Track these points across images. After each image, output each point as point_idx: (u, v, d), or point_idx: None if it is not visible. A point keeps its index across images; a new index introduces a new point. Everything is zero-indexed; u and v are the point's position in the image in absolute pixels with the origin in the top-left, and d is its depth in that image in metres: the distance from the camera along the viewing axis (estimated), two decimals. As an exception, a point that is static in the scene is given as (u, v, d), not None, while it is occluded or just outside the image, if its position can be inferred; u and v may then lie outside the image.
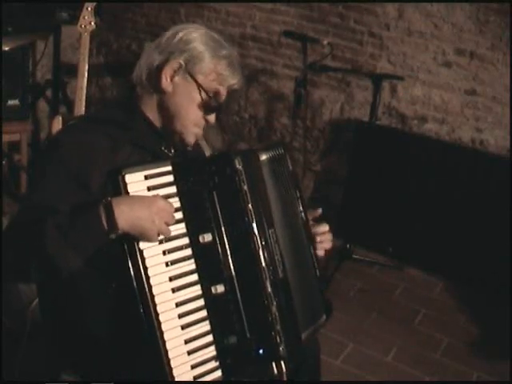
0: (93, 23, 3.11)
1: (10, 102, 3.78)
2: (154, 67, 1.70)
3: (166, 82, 1.68)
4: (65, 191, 1.53)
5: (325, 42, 3.60)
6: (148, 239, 1.49)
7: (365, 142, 3.71)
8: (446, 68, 3.63)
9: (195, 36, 1.70)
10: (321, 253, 1.83)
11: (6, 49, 3.60)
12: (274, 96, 4.14)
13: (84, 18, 3.11)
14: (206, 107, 1.71)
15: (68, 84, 4.10)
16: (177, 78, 1.68)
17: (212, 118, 1.74)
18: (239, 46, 4.16)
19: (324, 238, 1.83)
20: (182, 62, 1.67)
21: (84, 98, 3.03)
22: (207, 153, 2.00)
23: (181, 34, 1.69)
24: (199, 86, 1.68)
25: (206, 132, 1.80)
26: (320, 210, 1.86)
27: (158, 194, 1.52)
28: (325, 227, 1.84)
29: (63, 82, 4.09)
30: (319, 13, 3.87)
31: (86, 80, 3.07)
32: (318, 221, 1.87)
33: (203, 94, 1.69)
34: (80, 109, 3.02)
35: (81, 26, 3.11)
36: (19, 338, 2.24)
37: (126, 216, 1.45)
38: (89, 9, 3.12)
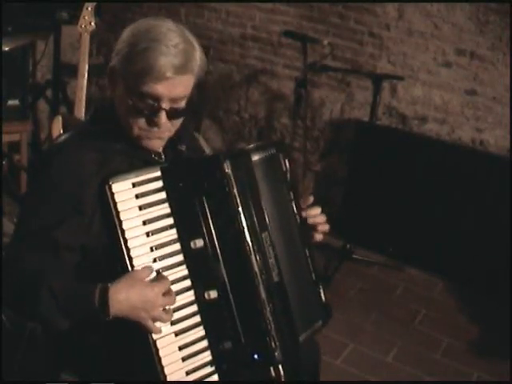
0: (93, 23, 3.11)
1: (10, 102, 3.78)
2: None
3: (108, 89, 1.61)
4: (60, 215, 1.51)
5: (325, 42, 3.60)
6: (142, 325, 1.48)
7: (365, 142, 3.71)
8: (446, 68, 3.63)
9: (124, 34, 1.56)
10: (319, 237, 1.79)
11: (6, 49, 3.59)
12: (274, 96, 4.14)
13: (84, 17, 3.11)
14: (136, 110, 1.55)
15: (68, 84, 4.09)
16: (115, 83, 1.59)
17: (158, 120, 1.55)
18: (239, 46, 4.16)
19: (318, 221, 1.78)
20: (111, 66, 1.58)
21: (84, 98, 3.03)
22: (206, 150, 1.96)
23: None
24: (124, 89, 1.55)
25: (205, 132, 1.78)
26: (312, 198, 1.79)
27: (156, 285, 1.49)
28: (316, 209, 1.78)
29: (63, 82, 4.08)
30: (319, 13, 3.87)
31: (85, 80, 3.06)
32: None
33: (128, 97, 1.54)
34: (80, 109, 3.01)
35: (81, 26, 3.11)
36: (19, 338, 2.24)
37: (119, 306, 1.44)
38: (89, 9, 3.12)
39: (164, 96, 1.52)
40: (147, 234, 1.53)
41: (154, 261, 1.53)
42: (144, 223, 1.53)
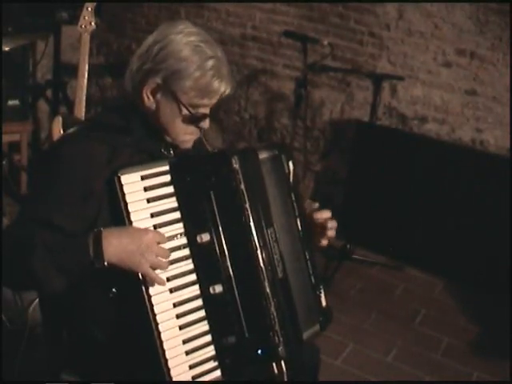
0: (93, 23, 3.10)
1: (10, 102, 3.78)
2: (136, 82, 1.62)
3: (148, 101, 1.62)
4: (66, 205, 1.52)
5: (325, 42, 3.59)
6: (142, 273, 1.48)
7: (365, 143, 3.71)
8: (447, 68, 3.63)
9: (174, 49, 1.58)
10: (325, 242, 1.78)
11: (6, 49, 3.60)
12: (275, 96, 4.14)
13: (84, 18, 3.11)
14: (191, 120, 1.63)
15: (68, 84, 4.10)
16: (158, 95, 1.61)
17: (205, 124, 1.66)
18: (239, 47, 4.16)
19: (330, 225, 1.76)
20: (160, 81, 1.58)
21: (84, 98, 3.03)
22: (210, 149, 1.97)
23: (160, 45, 1.59)
24: (180, 103, 1.60)
25: (205, 131, 1.78)
26: (317, 204, 1.81)
27: (149, 228, 1.52)
28: (327, 213, 1.78)
29: (63, 82, 4.08)
30: (319, 13, 3.87)
31: (86, 80, 3.06)
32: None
33: (185, 110, 1.61)
34: (80, 109, 3.01)
35: (81, 26, 3.11)
36: (19, 338, 2.24)
37: (113, 250, 1.45)
38: (89, 9, 3.12)
39: (212, 105, 1.66)
40: (154, 227, 1.54)
41: None
42: (152, 216, 1.54)
